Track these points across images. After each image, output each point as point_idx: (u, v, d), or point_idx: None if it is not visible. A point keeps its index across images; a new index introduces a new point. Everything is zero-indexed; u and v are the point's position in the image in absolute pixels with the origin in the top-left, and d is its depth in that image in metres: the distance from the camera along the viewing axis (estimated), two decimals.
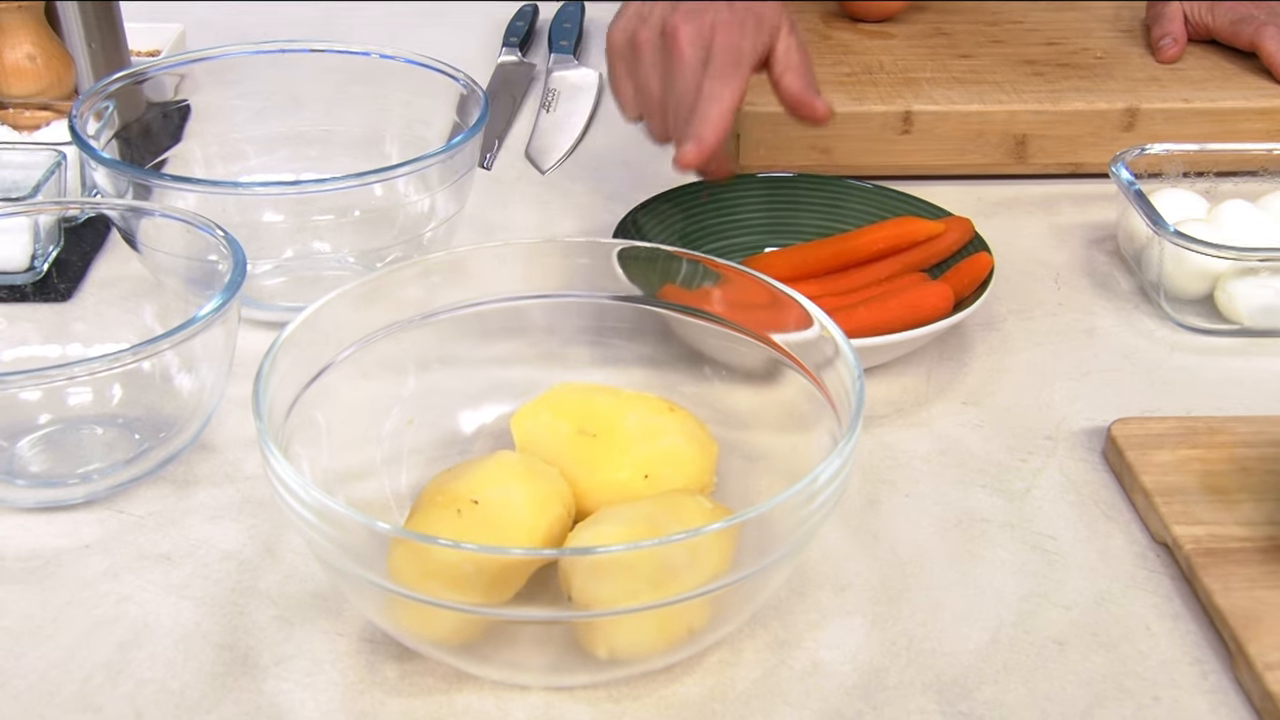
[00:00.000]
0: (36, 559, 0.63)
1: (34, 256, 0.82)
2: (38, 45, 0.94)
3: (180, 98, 0.94)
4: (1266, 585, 0.60)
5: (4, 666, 0.57)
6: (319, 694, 0.56)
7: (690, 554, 0.52)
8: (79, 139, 0.76)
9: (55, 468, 0.68)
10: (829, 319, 0.62)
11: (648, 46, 0.75)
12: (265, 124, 0.92)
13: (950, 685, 0.57)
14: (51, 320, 0.79)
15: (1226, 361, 0.80)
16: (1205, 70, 1.02)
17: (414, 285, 0.67)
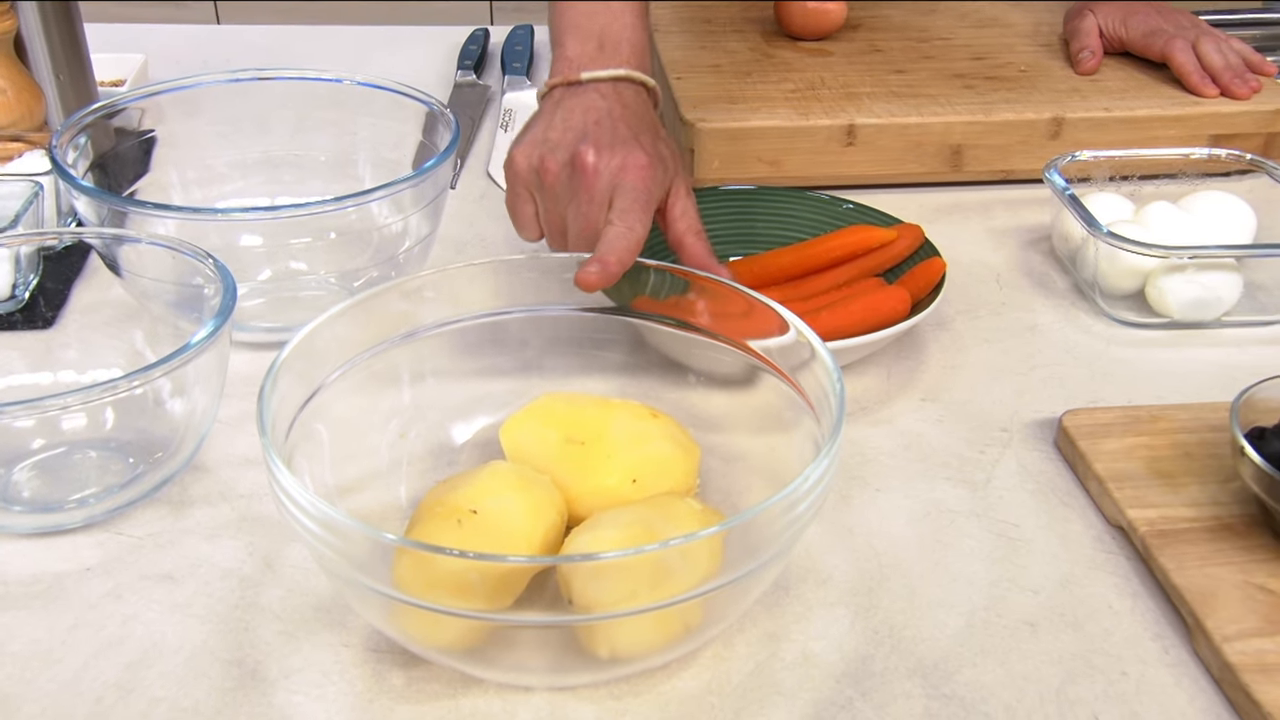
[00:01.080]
0: (39, 583, 0.61)
1: (15, 285, 0.79)
2: (8, 78, 0.91)
3: (146, 128, 0.91)
4: (1217, 562, 0.60)
5: (15, 691, 0.56)
6: (329, 704, 0.55)
7: (685, 556, 0.52)
8: (60, 169, 0.74)
9: (51, 493, 0.66)
10: (804, 324, 0.61)
11: (555, 174, 0.72)
12: (235, 150, 0.90)
13: (932, 669, 0.57)
14: (36, 348, 0.77)
15: (1160, 352, 0.81)
16: (1122, 81, 1.03)
17: (402, 303, 0.66)
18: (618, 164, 0.71)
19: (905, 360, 0.79)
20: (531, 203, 0.74)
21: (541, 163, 0.72)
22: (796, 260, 0.82)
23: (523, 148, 0.74)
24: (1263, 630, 0.56)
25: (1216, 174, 0.90)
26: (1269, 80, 1.01)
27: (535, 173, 0.73)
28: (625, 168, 0.71)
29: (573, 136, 0.72)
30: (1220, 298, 0.81)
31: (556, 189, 0.72)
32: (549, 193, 0.73)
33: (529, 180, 0.74)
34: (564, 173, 0.72)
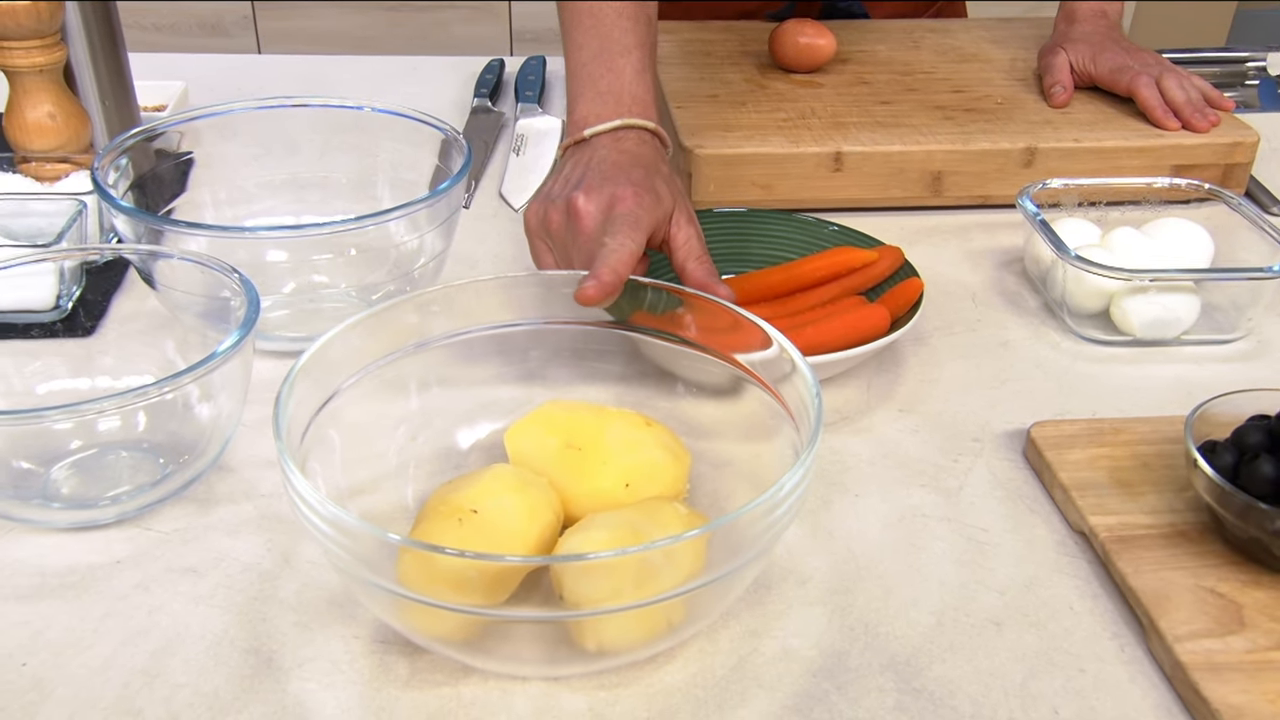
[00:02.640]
0: (73, 574, 0.61)
1: (59, 296, 0.79)
2: (57, 105, 0.91)
3: (185, 150, 0.91)
4: (1171, 567, 0.60)
5: (48, 676, 0.55)
6: (339, 692, 0.55)
7: (669, 557, 0.52)
8: (101, 189, 0.74)
9: (87, 491, 0.66)
10: (786, 339, 0.61)
11: (557, 223, 0.74)
12: (265, 171, 0.90)
13: (904, 665, 0.57)
14: (77, 355, 0.77)
15: (1123, 368, 0.80)
16: (1091, 114, 1.02)
17: (412, 316, 0.66)
18: (605, 201, 0.72)
19: (885, 373, 0.79)
20: (549, 252, 0.76)
21: (546, 215, 0.75)
22: (784, 279, 0.81)
23: (533, 206, 0.76)
24: (1212, 631, 0.56)
25: (1177, 202, 0.89)
26: (1227, 115, 1.00)
27: (543, 225, 0.75)
28: (613, 202, 0.72)
29: (569, 188, 0.74)
30: (1179, 318, 0.80)
31: (562, 235, 0.74)
32: (556, 240, 0.75)
33: (540, 232, 0.76)
34: (563, 220, 0.73)
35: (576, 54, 0.81)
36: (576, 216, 0.72)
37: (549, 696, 0.55)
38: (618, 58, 0.79)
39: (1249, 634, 0.56)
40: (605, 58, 0.80)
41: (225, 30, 2.71)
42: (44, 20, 0.88)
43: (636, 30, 0.80)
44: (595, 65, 0.80)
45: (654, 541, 0.51)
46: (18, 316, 0.78)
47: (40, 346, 0.77)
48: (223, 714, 0.53)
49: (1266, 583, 0.59)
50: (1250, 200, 1.01)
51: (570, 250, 0.73)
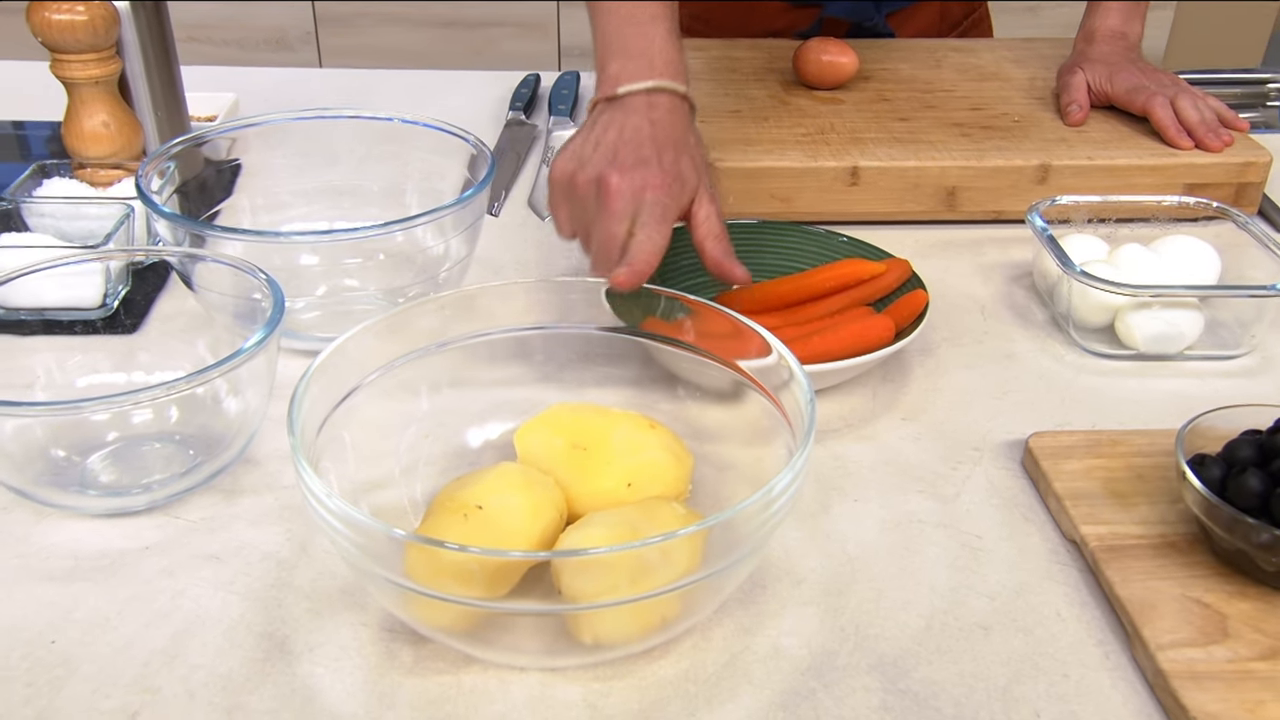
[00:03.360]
0: (104, 559, 0.62)
1: (105, 295, 0.81)
2: (112, 114, 0.93)
3: (233, 157, 0.93)
4: (1159, 576, 0.59)
5: (75, 653, 0.56)
6: (345, 677, 0.55)
7: (663, 554, 0.52)
8: (144, 195, 0.75)
9: (121, 479, 0.67)
10: (785, 348, 0.61)
11: (584, 188, 0.74)
12: (304, 179, 0.91)
13: (891, 666, 0.57)
14: (120, 350, 0.78)
15: (1125, 381, 0.79)
16: (1106, 133, 1.01)
17: (430, 319, 0.67)
18: (638, 184, 0.72)
19: (891, 382, 0.78)
20: (567, 206, 0.76)
21: (573, 178, 0.74)
22: (795, 289, 0.81)
23: (563, 159, 0.76)
24: (1195, 640, 0.55)
25: (1187, 219, 0.88)
26: (1241, 135, 0.99)
27: (570, 185, 0.75)
28: (645, 186, 0.72)
29: (602, 156, 0.74)
30: (1182, 333, 0.79)
31: (585, 201, 0.74)
32: (579, 203, 0.75)
33: (565, 190, 0.75)
34: (591, 189, 0.73)
35: (605, 18, 0.80)
36: (607, 194, 0.72)
37: (545, 686, 0.55)
38: (646, 24, 0.79)
39: (1232, 644, 0.55)
40: (635, 23, 0.79)
41: (289, 45, 2.74)
42: (100, 35, 0.89)
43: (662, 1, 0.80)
44: (626, 28, 0.79)
45: (647, 539, 0.51)
46: (66, 314, 0.79)
47: (86, 342, 0.78)
48: (235, 694, 0.54)
49: (1252, 594, 0.58)
50: (1263, 219, 1.00)
51: (593, 222, 0.73)
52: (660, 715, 0.54)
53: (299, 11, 2.67)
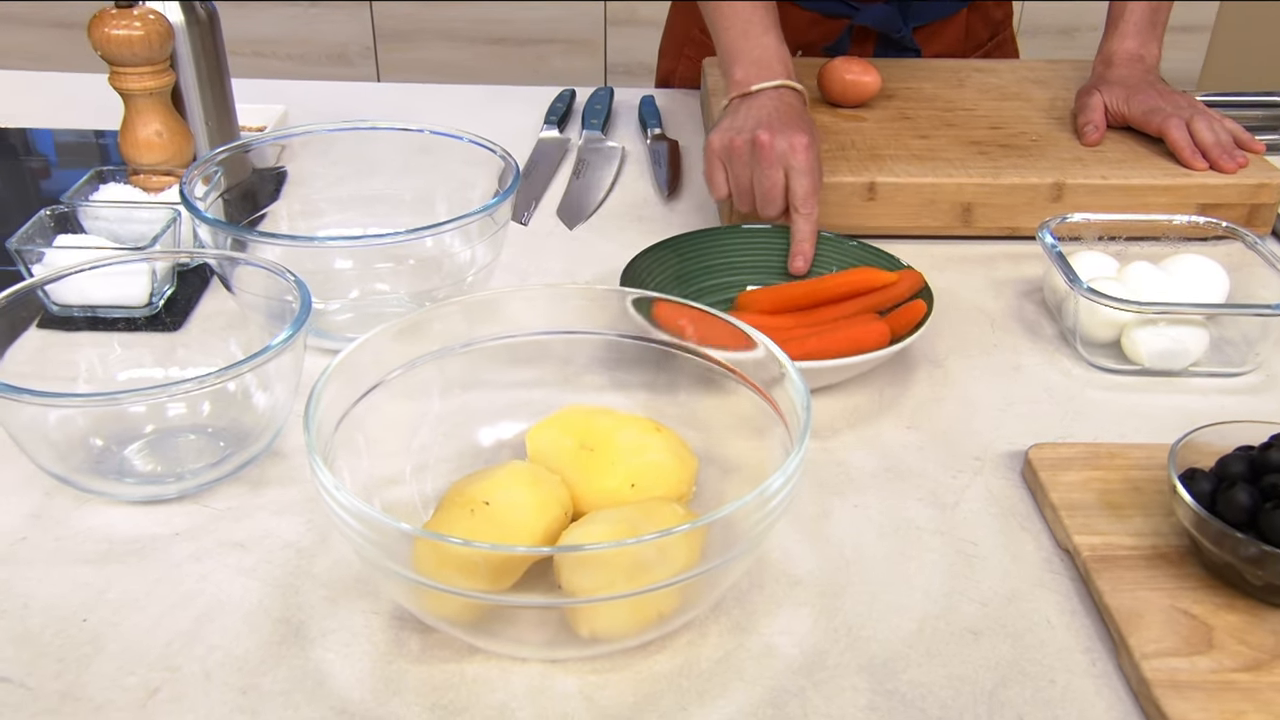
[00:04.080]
0: (137, 543, 0.64)
1: (151, 294, 0.82)
2: (164, 123, 0.95)
3: (279, 165, 0.95)
4: (1148, 587, 0.58)
5: (105, 631, 0.58)
6: (355, 662, 0.56)
7: (659, 551, 0.52)
8: (186, 201, 0.77)
9: (156, 469, 0.68)
10: (781, 351, 0.61)
11: (741, 149, 0.87)
12: (343, 187, 0.92)
13: (880, 667, 0.56)
14: (163, 346, 0.80)
15: (1130, 396, 0.78)
16: (1122, 153, 1.00)
17: (448, 321, 0.67)
18: (786, 142, 0.85)
19: (898, 391, 0.78)
20: (723, 170, 0.89)
21: (731, 142, 0.88)
22: (808, 292, 0.82)
23: (718, 134, 0.89)
24: (1179, 650, 0.54)
25: (1197, 239, 0.86)
26: (1255, 157, 0.97)
27: (727, 149, 0.88)
28: (792, 146, 0.85)
29: (753, 123, 0.87)
30: (1187, 350, 0.78)
31: (743, 158, 0.87)
32: (737, 162, 0.88)
33: (722, 154, 0.89)
34: (747, 148, 0.87)
35: (724, 34, 0.96)
36: (761, 148, 0.86)
37: (545, 677, 0.55)
38: (761, 35, 0.94)
39: (1216, 655, 0.54)
40: (751, 35, 0.94)
41: (350, 60, 2.78)
42: (154, 49, 0.91)
43: (770, 13, 0.95)
44: (744, 41, 0.94)
45: (641, 536, 0.51)
46: (113, 311, 0.81)
47: (130, 338, 0.80)
48: (249, 675, 0.55)
49: (1240, 607, 0.57)
50: (1276, 239, 0.98)
51: (750, 172, 0.87)
52: (653, 708, 0.54)
53: (359, 28, 2.71)
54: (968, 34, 1.28)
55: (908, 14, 1.21)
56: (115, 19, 0.90)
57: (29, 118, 1.21)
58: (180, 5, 0.96)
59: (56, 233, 0.87)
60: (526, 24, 2.71)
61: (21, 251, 0.82)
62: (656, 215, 1.02)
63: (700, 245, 0.87)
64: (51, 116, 1.21)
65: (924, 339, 0.84)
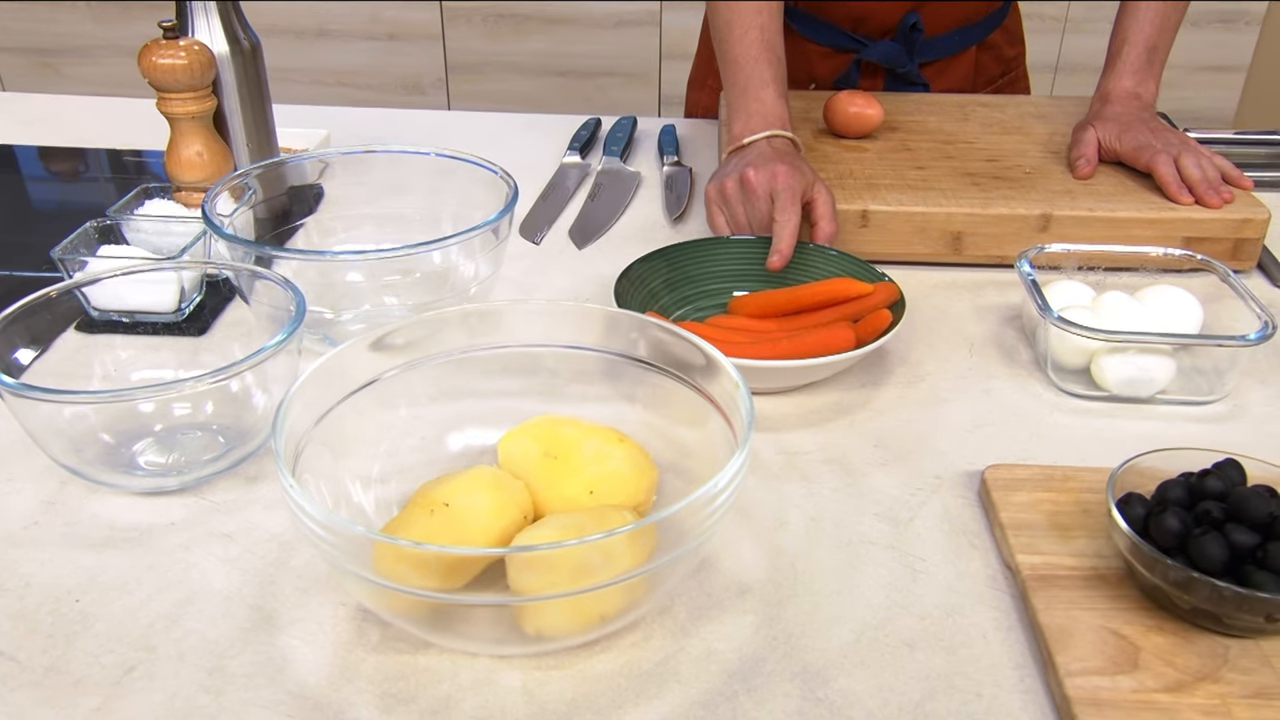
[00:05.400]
0: (135, 531, 0.65)
1: (180, 302, 0.84)
2: (205, 145, 0.97)
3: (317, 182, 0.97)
4: (1083, 606, 0.56)
5: (94, 611, 0.59)
6: (316, 649, 0.56)
7: (601, 553, 0.51)
8: (205, 217, 0.78)
9: (162, 462, 0.69)
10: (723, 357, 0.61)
11: (731, 190, 0.91)
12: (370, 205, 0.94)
13: (813, 675, 0.55)
14: (187, 350, 0.81)
15: (1096, 421, 0.76)
16: (1111, 186, 0.97)
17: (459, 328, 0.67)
18: (768, 175, 0.89)
19: (870, 409, 0.76)
20: (721, 214, 0.93)
21: (722, 186, 0.92)
22: (790, 299, 0.83)
23: (713, 183, 0.94)
24: (1104, 670, 0.52)
25: (1174, 270, 0.84)
26: (1242, 192, 0.94)
27: (720, 193, 0.92)
28: (774, 175, 0.89)
29: (741, 166, 0.91)
30: (1153, 378, 0.75)
31: (734, 198, 0.91)
32: (731, 202, 0.92)
33: (717, 199, 0.93)
34: (736, 187, 0.91)
35: (729, 89, 0.99)
36: (748, 184, 0.90)
37: (491, 672, 0.55)
38: (759, 90, 0.97)
39: (1139, 675, 0.52)
40: (750, 90, 0.97)
41: (422, 90, 2.82)
42: (196, 77, 0.93)
43: (771, 67, 0.98)
44: (743, 97, 0.97)
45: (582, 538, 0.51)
46: (145, 316, 0.83)
47: (159, 342, 0.82)
48: (218, 657, 0.56)
49: (1170, 629, 0.55)
50: (1261, 272, 0.95)
51: (743, 208, 0.91)
52: (589, 706, 0.53)
53: (433, 61, 2.75)
54: (978, 70, 1.26)
55: (914, 50, 1.19)
56: (162, 49, 0.93)
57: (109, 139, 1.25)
58: (225, 36, 0.98)
59: (100, 244, 0.89)
60: (587, 58, 2.73)
61: (64, 260, 0.85)
62: (663, 237, 1.02)
63: (690, 254, 0.88)
64: (131, 138, 1.24)
65: (903, 359, 0.82)
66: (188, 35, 0.97)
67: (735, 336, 0.79)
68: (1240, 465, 0.58)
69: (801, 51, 1.23)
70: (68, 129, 1.27)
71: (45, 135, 1.25)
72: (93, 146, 1.23)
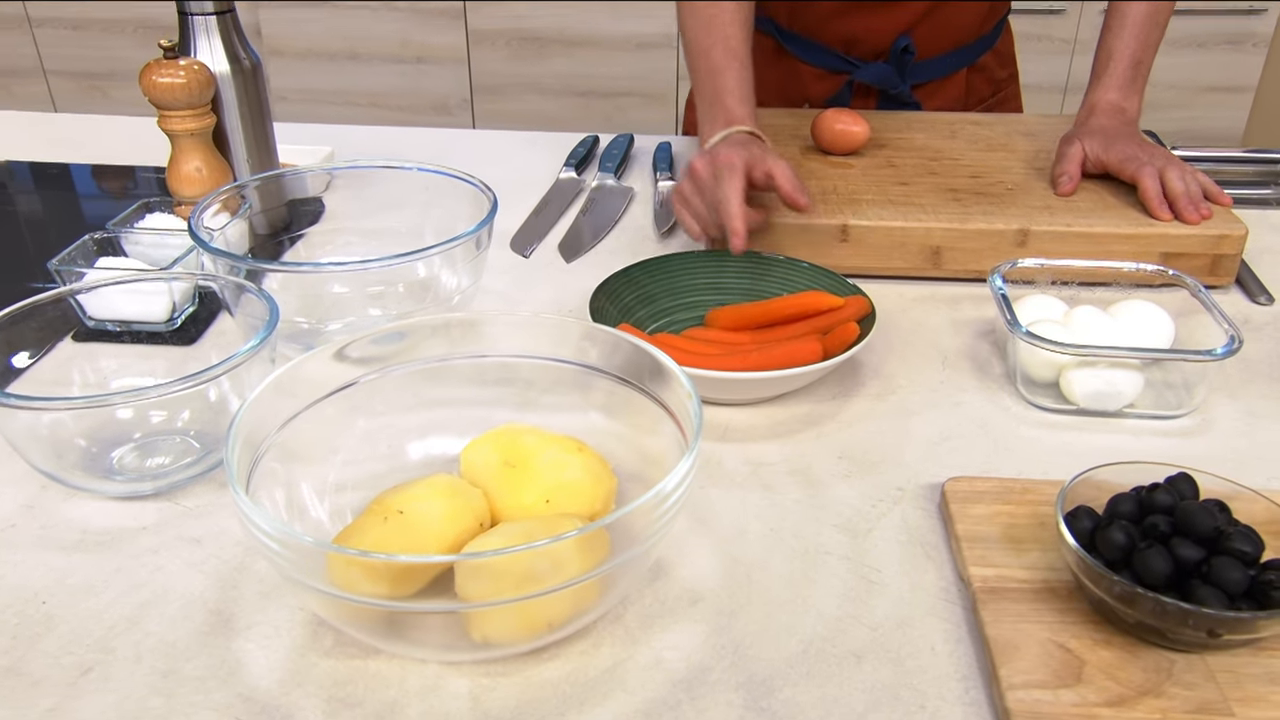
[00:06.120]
0: (106, 534, 0.64)
1: (173, 311, 0.84)
2: (204, 161, 0.97)
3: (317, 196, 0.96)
4: (1030, 620, 0.55)
5: (59, 613, 0.58)
6: (270, 654, 0.56)
7: (545, 559, 0.50)
8: (192, 233, 0.78)
9: (139, 468, 0.69)
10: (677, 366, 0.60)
11: (686, 185, 0.90)
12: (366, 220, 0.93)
13: (759, 685, 0.54)
14: (176, 359, 0.81)
15: (1062, 435, 0.74)
16: (1091, 202, 0.95)
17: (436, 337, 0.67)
18: (709, 158, 0.88)
19: (839, 421, 0.75)
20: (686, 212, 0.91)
21: (678, 187, 0.92)
22: (763, 312, 0.82)
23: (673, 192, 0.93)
24: (1047, 683, 0.51)
25: (1148, 285, 0.82)
26: (1221, 209, 0.92)
27: (679, 194, 0.91)
28: (714, 156, 0.88)
29: (690, 163, 0.90)
30: (1120, 392, 0.73)
31: (686, 191, 0.90)
32: (687, 196, 0.90)
33: (679, 200, 0.91)
34: (688, 180, 0.90)
35: (700, 103, 0.99)
36: (695, 173, 0.89)
37: (439, 678, 0.54)
38: (725, 97, 0.96)
39: (1082, 689, 0.50)
40: (718, 99, 0.96)
41: (449, 111, 2.83)
42: (195, 95, 0.94)
43: (735, 76, 0.97)
44: (711, 107, 0.97)
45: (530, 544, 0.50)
46: (139, 326, 0.83)
47: (150, 351, 0.82)
48: (174, 660, 0.55)
49: (1116, 643, 0.53)
50: (1240, 288, 0.92)
51: (696, 196, 0.89)
52: (534, 713, 0.52)
53: (459, 84, 2.76)
54: (969, 91, 1.24)
55: (905, 73, 1.17)
56: (162, 68, 0.93)
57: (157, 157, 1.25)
58: (226, 55, 0.99)
59: (99, 256, 0.89)
60: (607, 79, 2.73)
61: (61, 271, 0.85)
62: (650, 251, 1.01)
63: (668, 268, 0.87)
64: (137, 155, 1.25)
65: (876, 372, 0.80)
66: (189, 55, 0.97)
67: (708, 349, 0.78)
68: (1193, 479, 0.56)
69: (795, 73, 1.22)
70: (117, 148, 1.27)
71: (96, 154, 1.26)
72: (140, 164, 1.23)
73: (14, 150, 1.26)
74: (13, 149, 1.26)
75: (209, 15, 0.97)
